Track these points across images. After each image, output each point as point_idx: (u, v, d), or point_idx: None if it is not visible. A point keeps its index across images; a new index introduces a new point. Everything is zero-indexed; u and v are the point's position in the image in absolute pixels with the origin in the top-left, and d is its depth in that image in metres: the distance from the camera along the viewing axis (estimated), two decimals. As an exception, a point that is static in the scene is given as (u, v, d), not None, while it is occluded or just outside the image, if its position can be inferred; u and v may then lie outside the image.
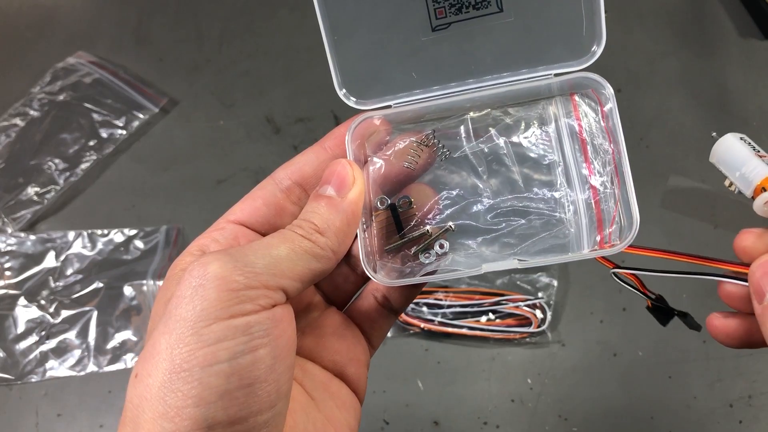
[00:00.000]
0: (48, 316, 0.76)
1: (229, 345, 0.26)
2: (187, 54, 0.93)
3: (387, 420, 0.69)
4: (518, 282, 0.73)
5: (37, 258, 0.79)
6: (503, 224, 0.37)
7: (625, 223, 0.34)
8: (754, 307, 0.31)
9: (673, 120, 0.81)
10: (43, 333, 0.75)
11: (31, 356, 0.74)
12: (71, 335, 0.75)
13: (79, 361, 0.73)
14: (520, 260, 0.35)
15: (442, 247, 0.37)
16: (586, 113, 0.37)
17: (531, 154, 0.37)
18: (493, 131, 0.38)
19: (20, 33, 0.97)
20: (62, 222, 0.83)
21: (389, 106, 0.37)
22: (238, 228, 0.34)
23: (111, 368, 0.73)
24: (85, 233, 0.80)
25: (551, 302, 0.71)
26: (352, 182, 0.33)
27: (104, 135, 0.86)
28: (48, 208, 0.83)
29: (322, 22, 0.36)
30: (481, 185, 0.38)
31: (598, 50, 0.34)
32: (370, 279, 0.35)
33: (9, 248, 0.80)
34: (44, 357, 0.74)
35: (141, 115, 0.87)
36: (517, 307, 0.71)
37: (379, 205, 0.37)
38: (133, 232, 0.80)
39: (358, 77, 0.37)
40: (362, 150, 0.38)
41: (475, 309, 0.71)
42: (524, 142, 0.37)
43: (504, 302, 0.71)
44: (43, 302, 0.77)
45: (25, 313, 0.76)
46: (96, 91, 0.89)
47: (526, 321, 0.70)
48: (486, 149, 0.38)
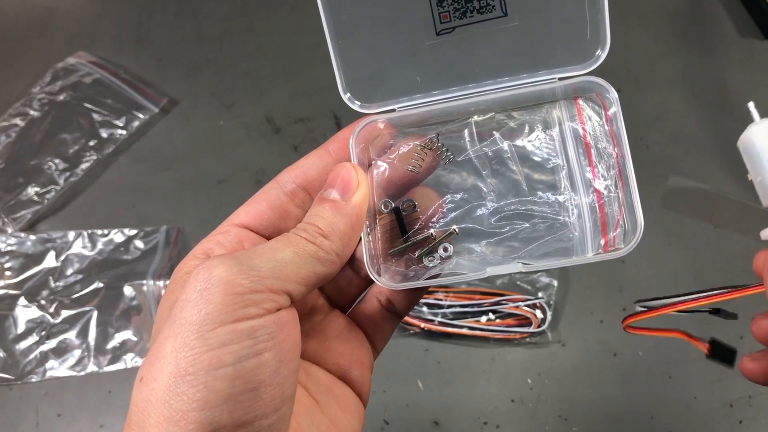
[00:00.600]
0: (48, 316, 0.76)
1: (234, 349, 0.26)
2: (187, 54, 0.93)
3: (387, 420, 0.69)
4: (518, 282, 0.73)
5: (37, 258, 0.79)
6: (507, 228, 0.37)
7: (629, 226, 0.34)
8: (766, 288, 0.31)
9: (673, 120, 0.81)
10: (43, 333, 0.75)
11: (31, 356, 0.74)
12: (71, 335, 0.75)
13: (79, 361, 0.73)
14: (524, 264, 0.35)
15: (446, 250, 0.37)
16: (590, 117, 0.37)
17: (535, 157, 0.37)
18: (497, 135, 0.38)
19: (20, 33, 0.97)
20: (62, 222, 0.83)
21: (393, 110, 0.37)
22: (243, 231, 0.34)
23: (111, 368, 0.73)
24: (85, 233, 0.80)
25: (551, 302, 0.71)
26: (356, 186, 0.33)
27: (104, 135, 0.86)
28: (48, 208, 0.83)
29: (326, 25, 0.35)
30: (485, 189, 0.38)
31: (602, 54, 0.34)
32: (373, 282, 0.35)
33: (9, 248, 0.80)
34: (44, 357, 0.74)
35: (141, 115, 0.87)
36: (517, 307, 0.71)
37: (383, 209, 0.37)
38: (133, 232, 0.80)
39: (363, 81, 0.37)
40: (366, 153, 0.38)
41: (475, 309, 0.71)
42: (528, 146, 0.37)
43: (504, 302, 0.71)
44: (43, 302, 0.77)
45: (25, 313, 0.76)
46: (96, 91, 0.89)
47: (526, 321, 0.70)
48: (490, 153, 0.38)
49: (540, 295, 0.72)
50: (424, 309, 0.71)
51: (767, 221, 0.70)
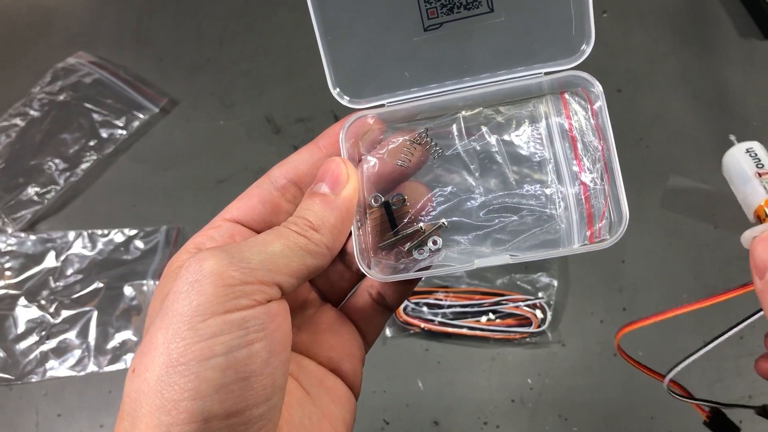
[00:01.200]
0: (48, 316, 0.76)
1: (225, 339, 0.26)
2: (187, 54, 0.93)
3: (387, 420, 0.69)
4: (518, 282, 0.73)
5: (38, 258, 0.79)
6: (495, 221, 0.37)
7: (615, 218, 0.35)
8: (755, 284, 0.31)
9: (673, 120, 0.81)
10: (43, 333, 0.75)
11: (31, 356, 0.74)
12: (71, 335, 0.75)
13: (79, 361, 0.73)
14: (512, 255, 0.35)
15: (435, 243, 0.37)
16: (576, 111, 0.37)
17: (522, 151, 0.38)
18: (485, 129, 0.38)
19: (20, 33, 0.97)
20: (62, 222, 0.83)
21: (383, 105, 0.37)
22: (234, 226, 0.35)
23: (111, 368, 0.73)
24: (85, 233, 0.80)
25: (551, 302, 0.71)
26: (346, 180, 0.33)
27: (104, 135, 0.86)
28: (48, 208, 0.83)
29: (315, 21, 0.36)
30: (473, 183, 0.38)
31: (587, 49, 0.35)
32: (364, 276, 0.36)
33: (9, 248, 0.80)
34: (44, 357, 0.74)
35: (141, 115, 0.87)
36: (518, 307, 0.71)
37: (373, 203, 0.37)
38: (133, 232, 0.80)
39: (352, 76, 0.37)
40: (356, 149, 0.38)
41: (475, 309, 0.71)
42: (516, 140, 0.38)
43: (504, 302, 0.71)
44: (43, 302, 0.77)
45: (25, 313, 0.76)
46: (96, 91, 0.89)
47: (526, 321, 0.70)
48: (478, 147, 0.38)
49: (540, 295, 0.72)
50: (424, 309, 0.71)
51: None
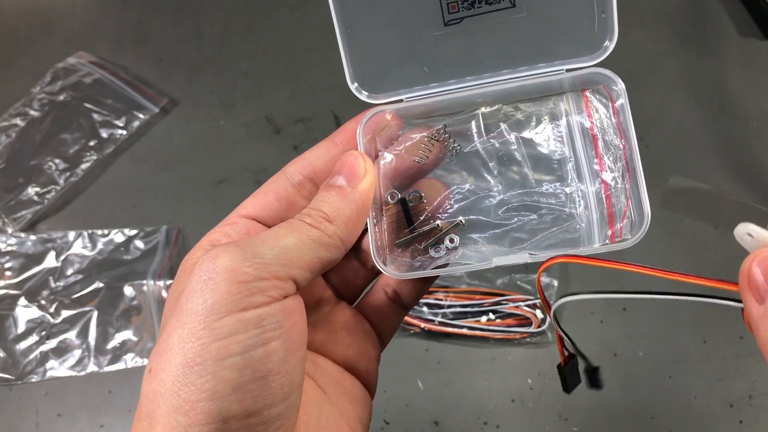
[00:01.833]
0: (48, 316, 0.76)
1: (242, 338, 0.26)
2: (187, 54, 0.93)
3: (387, 420, 0.69)
4: (518, 282, 0.73)
5: (38, 258, 0.79)
6: (514, 219, 0.37)
7: (636, 217, 0.34)
8: (749, 309, 0.28)
9: (673, 120, 0.81)
10: (44, 333, 0.75)
11: (32, 356, 0.74)
12: (71, 335, 0.75)
13: (79, 361, 0.73)
14: (531, 254, 0.35)
15: (452, 241, 0.37)
16: (597, 109, 0.37)
17: (542, 149, 0.37)
18: (504, 126, 0.38)
19: (20, 33, 0.97)
20: (62, 222, 0.83)
21: (401, 101, 0.37)
22: (250, 223, 0.34)
23: (111, 368, 0.73)
24: (85, 233, 0.80)
25: (551, 302, 0.71)
26: (363, 173, 0.33)
27: (104, 135, 0.86)
28: (48, 208, 0.83)
29: (335, 15, 0.36)
30: (491, 180, 0.38)
31: (610, 45, 0.34)
32: (380, 274, 0.35)
33: (9, 248, 0.80)
34: (44, 357, 0.74)
35: (141, 115, 0.87)
36: (518, 307, 0.71)
37: (389, 200, 0.37)
38: (133, 232, 0.80)
39: (370, 71, 0.37)
40: (373, 144, 0.38)
41: (476, 309, 0.71)
42: (535, 138, 0.37)
43: (504, 302, 0.71)
44: (43, 302, 0.77)
45: (25, 313, 0.76)
46: (96, 91, 0.89)
47: (526, 321, 0.70)
48: (497, 144, 0.38)
49: (540, 295, 0.72)
50: (424, 309, 0.71)
51: (766, 221, 0.70)
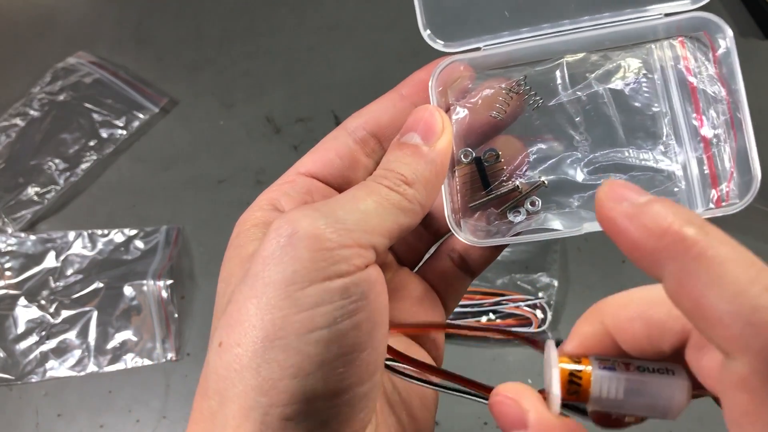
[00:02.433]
0: (48, 316, 0.76)
1: (327, 310, 0.23)
2: (187, 54, 0.93)
3: (387, 420, 0.69)
4: (518, 282, 0.73)
5: (37, 258, 0.79)
6: (602, 180, 0.33)
7: (741, 178, 0.30)
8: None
9: (674, 120, 0.81)
10: (43, 333, 0.75)
11: (31, 356, 0.74)
12: (71, 335, 0.75)
13: (79, 362, 0.73)
14: None
15: (533, 204, 0.33)
16: (696, 58, 0.33)
17: (634, 103, 0.34)
18: (591, 77, 0.34)
19: (20, 33, 0.97)
20: (62, 222, 0.83)
21: (478, 49, 0.33)
22: (310, 181, 0.31)
23: (111, 368, 0.73)
24: (85, 233, 0.80)
25: (551, 302, 0.71)
26: (441, 130, 0.29)
27: (104, 135, 0.86)
28: (48, 208, 0.83)
29: None
30: (577, 137, 0.34)
31: None
32: (443, 238, 0.33)
33: (9, 248, 0.80)
34: (44, 357, 0.74)
35: (141, 115, 0.87)
36: (518, 307, 0.70)
37: (462, 159, 0.34)
38: (133, 232, 0.80)
39: (445, 16, 0.33)
40: (444, 98, 0.34)
41: (476, 309, 0.71)
42: (627, 90, 0.34)
43: (504, 302, 0.71)
44: (43, 302, 0.77)
45: (25, 313, 0.76)
46: (96, 91, 0.89)
47: (526, 321, 0.70)
48: (584, 97, 0.34)
49: (540, 295, 0.72)
50: (424, 309, 0.71)
51: (766, 221, 0.70)
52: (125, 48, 0.94)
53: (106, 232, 0.81)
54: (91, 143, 0.86)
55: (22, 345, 0.75)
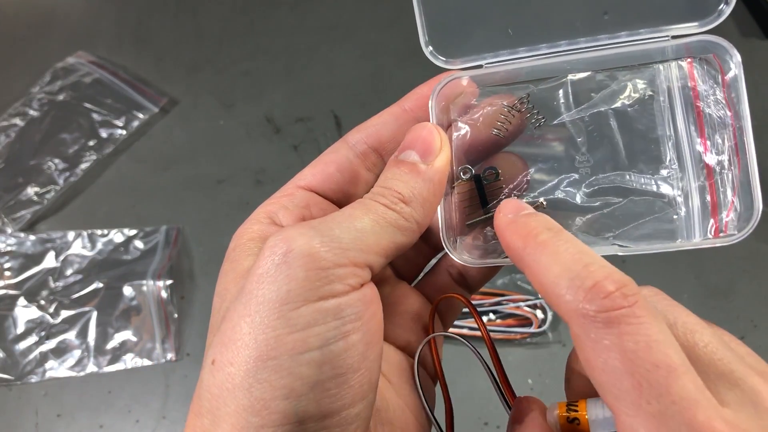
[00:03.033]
0: (48, 317, 0.76)
1: (321, 330, 0.23)
2: (187, 54, 0.93)
3: (387, 420, 0.69)
4: (519, 282, 0.73)
5: (37, 258, 0.79)
6: (601, 203, 0.33)
7: (742, 209, 0.30)
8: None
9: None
10: (43, 333, 0.75)
11: (31, 356, 0.74)
12: (71, 335, 0.75)
13: (78, 362, 0.73)
14: (620, 246, 0.31)
15: None
16: (703, 82, 0.32)
17: (638, 125, 0.33)
18: (596, 97, 0.34)
19: (20, 33, 0.97)
20: (62, 222, 0.83)
21: (480, 66, 0.33)
22: (309, 195, 0.31)
23: (111, 368, 0.73)
24: (84, 233, 0.80)
25: (551, 302, 0.71)
26: (439, 148, 0.29)
27: (104, 135, 0.86)
28: (48, 208, 0.83)
29: None
30: (578, 158, 0.34)
31: (726, 9, 0.29)
32: (442, 252, 0.33)
33: (9, 248, 0.80)
34: (44, 357, 0.74)
35: (141, 115, 0.87)
36: (518, 307, 0.70)
37: (462, 176, 0.34)
38: (133, 232, 0.80)
39: (447, 33, 0.33)
40: (446, 114, 0.34)
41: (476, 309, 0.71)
42: (631, 112, 0.33)
43: (504, 302, 0.71)
44: (42, 302, 0.77)
45: (24, 313, 0.76)
46: (96, 91, 0.89)
47: (526, 321, 0.70)
48: (586, 117, 0.33)
49: (540, 295, 0.72)
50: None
51: (766, 222, 0.70)
52: (125, 48, 0.94)
53: (105, 232, 0.81)
54: (91, 143, 0.86)
55: (22, 345, 0.75)
